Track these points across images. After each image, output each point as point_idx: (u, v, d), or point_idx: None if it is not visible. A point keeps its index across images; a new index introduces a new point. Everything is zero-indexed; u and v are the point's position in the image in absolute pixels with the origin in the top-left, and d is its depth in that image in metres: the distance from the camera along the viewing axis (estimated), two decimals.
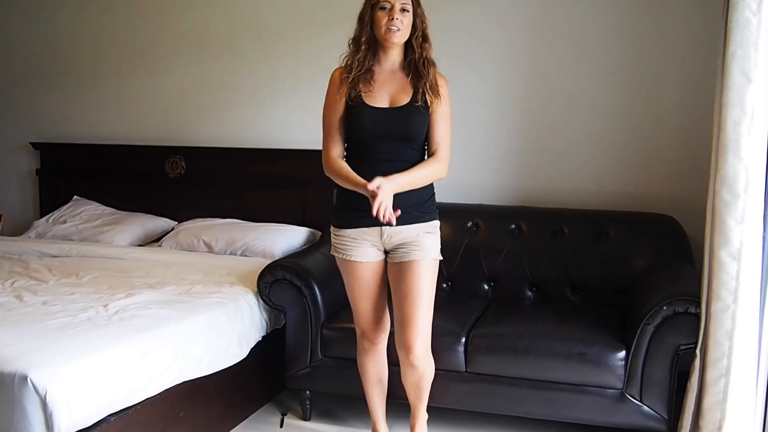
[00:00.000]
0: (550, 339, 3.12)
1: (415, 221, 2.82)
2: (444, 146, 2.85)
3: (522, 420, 3.35)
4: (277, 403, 3.68)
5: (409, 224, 2.80)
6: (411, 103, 2.79)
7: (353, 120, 2.82)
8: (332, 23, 4.31)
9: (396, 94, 2.82)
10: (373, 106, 2.80)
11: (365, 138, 2.81)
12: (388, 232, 2.80)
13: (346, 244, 2.87)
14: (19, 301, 3.17)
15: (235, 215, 4.50)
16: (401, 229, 2.79)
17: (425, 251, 2.81)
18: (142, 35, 4.76)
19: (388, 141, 2.78)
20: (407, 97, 2.80)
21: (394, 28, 2.74)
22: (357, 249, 2.86)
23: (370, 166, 2.76)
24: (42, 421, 2.32)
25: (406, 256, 2.82)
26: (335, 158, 2.86)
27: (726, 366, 2.76)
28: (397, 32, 2.74)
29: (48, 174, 5.02)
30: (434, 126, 2.83)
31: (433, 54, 2.84)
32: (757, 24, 2.60)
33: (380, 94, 2.82)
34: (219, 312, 3.19)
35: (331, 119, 2.87)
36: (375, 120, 2.78)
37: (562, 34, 3.95)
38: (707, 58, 3.54)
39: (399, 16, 2.74)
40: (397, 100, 2.81)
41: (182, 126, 4.73)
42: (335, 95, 2.85)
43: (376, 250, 2.87)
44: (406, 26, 2.76)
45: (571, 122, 3.99)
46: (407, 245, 2.82)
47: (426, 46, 2.82)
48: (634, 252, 3.57)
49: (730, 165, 2.69)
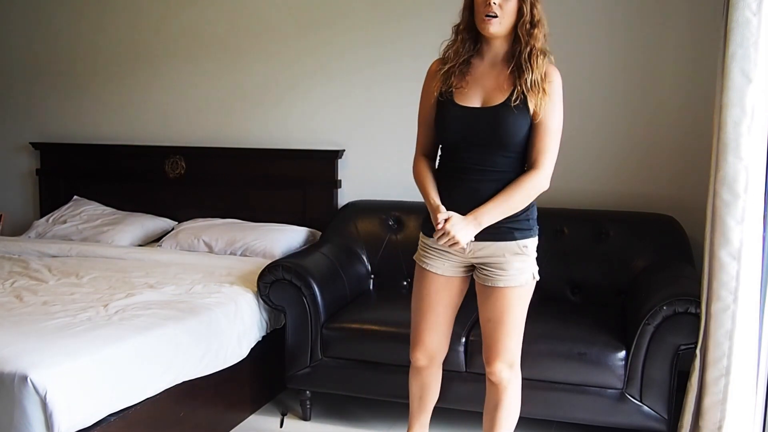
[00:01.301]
0: (551, 339, 3.12)
1: (504, 238, 2.48)
2: (546, 156, 2.47)
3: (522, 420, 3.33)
4: (277, 403, 3.68)
5: (497, 241, 2.49)
6: (506, 102, 2.42)
7: (439, 120, 2.51)
8: (332, 22, 4.31)
9: (491, 91, 2.46)
10: (462, 105, 2.46)
11: (451, 141, 2.51)
12: (471, 246, 2.48)
13: (427, 252, 2.61)
14: (19, 301, 3.17)
15: (235, 215, 4.50)
16: (486, 244, 2.49)
17: (511, 277, 2.50)
18: (142, 35, 4.76)
19: (476, 146, 2.45)
20: (503, 95, 2.43)
21: (492, 16, 2.36)
22: (436, 260, 2.59)
23: (458, 174, 2.49)
24: (42, 421, 2.32)
25: (488, 281, 2.54)
26: (420, 161, 2.62)
27: (726, 366, 2.76)
28: (493, 20, 2.36)
29: (48, 174, 5.02)
30: (536, 131, 2.45)
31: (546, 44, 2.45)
32: (757, 24, 2.60)
33: (473, 91, 2.47)
34: (219, 312, 3.19)
35: (424, 115, 2.60)
36: (461, 121, 2.46)
37: (562, 34, 3.91)
38: (707, 58, 3.54)
39: (498, 0, 2.36)
40: (491, 99, 2.45)
41: (182, 126, 4.73)
42: (428, 89, 2.55)
43: (457, 266, 2.59)
44: (507, 13, 2.37)
45: (570, 122, 3.94)
46: (491, 267, 2.52)
47: (535, 33, 2.40)
48: (634, 252, 3.57)
49: (730, 165, 2.69)
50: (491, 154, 2.46)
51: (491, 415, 2.69)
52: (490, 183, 2.47)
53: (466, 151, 2.47)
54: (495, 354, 2.60)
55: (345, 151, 4.32)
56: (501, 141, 2.44)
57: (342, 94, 4.31)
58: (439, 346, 2.71)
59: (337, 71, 4.32)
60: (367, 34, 4.20)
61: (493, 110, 2.44)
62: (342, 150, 4.32)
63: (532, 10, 2.39)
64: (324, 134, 4.40)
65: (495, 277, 2.53)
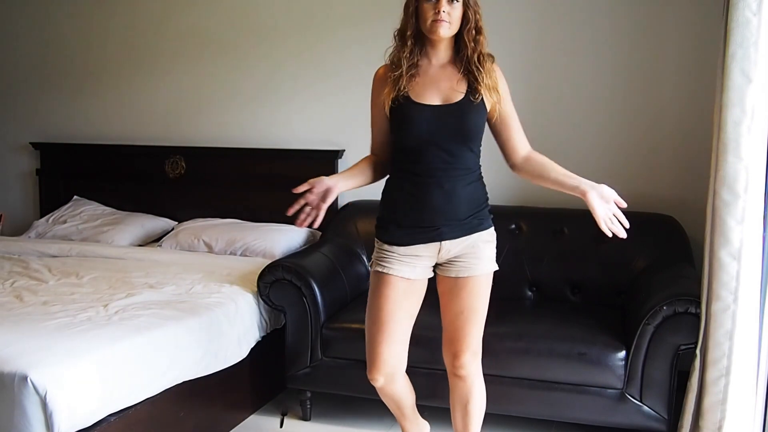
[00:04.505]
0: (550, 339, 3.12)
1: (476, 230, 2.55)
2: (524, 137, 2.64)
3: (522, 420, 3.35)
4: (277, 403, 3.68)
5: (471, 234, 2.54)
6: (466, 99, 2.49)
7: (402, 122, 2.51)
8: (333, 23, 4.32)
9: (447, 90, 2.51)
10: (424, 103, 2.49)
11: (416, 141, 2.49)
12: (447, 246, 2.52)
13: (389, 257, 2.56)
14: (19, 301, 3.17)
15: (235, 215, 4.50)
16: (461, 240, 2.53)
17: (484, 264, 2.57)
18: (142, 35, 4.76)
19: (443, 144, 2.48)
20: (460, 94, 2.50)
21: (441, 21, 2.42)
22: (401, 264, 2.55)
23: (426, 178, 2.49)
24: (42, 421, 2.33)
25: (464, 271, 2.55)
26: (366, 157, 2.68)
27: (726, 366, 2.76)
28: (444, 23, 2.43)
29: (48, 174, 5.02)
30: (506, 124, 2.58)
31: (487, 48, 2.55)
32: (757, 24, 2.60)
33: (429, 91, 2.51)
34: (219, 312, 3.19)
35: (376, 123, 2.62)
36: (426, 119, 2.48)
37: (562, 33, 3.95)
38: (707, 58, 3.54)
39: (446, 8, 2.42)
40: (450, 98, 2.50)
41: (182, 126, 4.73)
42: (379, 97, 2.55)
43: (424, 268, 2.58)
44: (455, 19, 2.45)
45: (570, 122, 3.99)
46: (465, 258, 2.55)
47: (481, 39, 2.50)
48: (634, 252, 3.57)
49: (730, 165, 2.69)
50: (459, 150, 2.50)
51: (464, 411, 2.69)
52: (462, 181, 2.52)
53: (429, 150, 2.49)
54: (464, 346, 2.58)
55: (345, 151, 4.33)
56: (469, 134, 2.51)
57: (342, 94, 4.31)
58: (398, 361, 2.62)
59: (337, 71, 4.32)
60: (367, 33, 4.20)
61: (456, 105, 2.49)
62: (342, 150, 4.32)
63: (476, 17, 2.49)
64: (324, 134, 4.40)
65: (471, 266, 2.55)
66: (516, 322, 3.31)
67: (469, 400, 2.67)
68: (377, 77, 2.61)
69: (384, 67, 2.60)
